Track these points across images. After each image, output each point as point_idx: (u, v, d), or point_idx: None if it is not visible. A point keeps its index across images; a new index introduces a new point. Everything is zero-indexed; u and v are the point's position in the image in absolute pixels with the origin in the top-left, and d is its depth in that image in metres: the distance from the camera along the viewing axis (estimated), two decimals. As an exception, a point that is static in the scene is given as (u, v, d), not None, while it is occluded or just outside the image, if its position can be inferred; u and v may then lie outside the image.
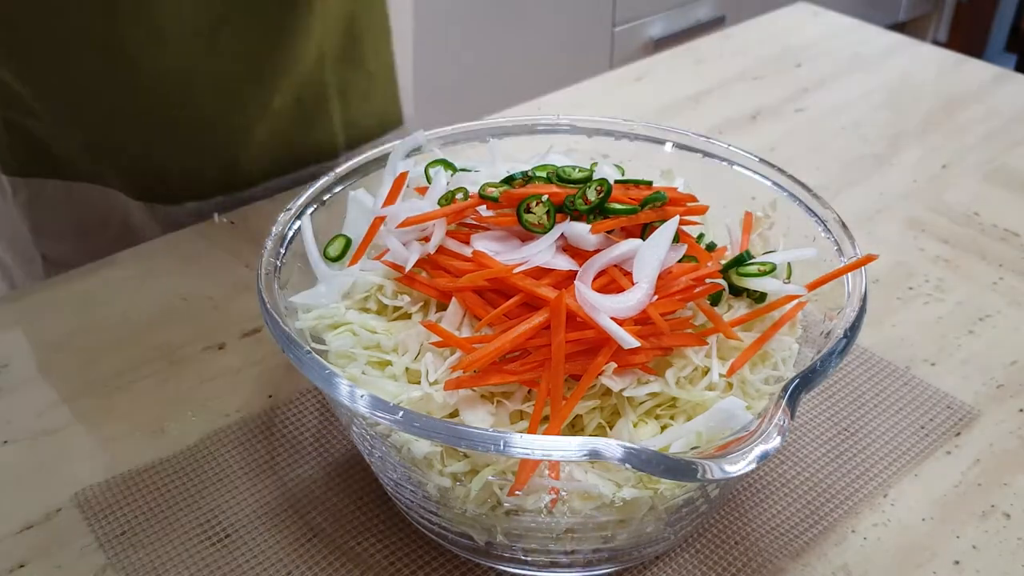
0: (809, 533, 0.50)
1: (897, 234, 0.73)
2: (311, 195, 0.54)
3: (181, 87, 0.70)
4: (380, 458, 0.46)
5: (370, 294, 0.50)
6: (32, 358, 0.62)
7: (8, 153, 0.73)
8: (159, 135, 0.72)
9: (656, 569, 0.48)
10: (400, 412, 0.39)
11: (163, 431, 0.56)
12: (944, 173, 0.81)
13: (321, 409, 0.57)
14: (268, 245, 0.50)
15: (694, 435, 0.42)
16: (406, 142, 0.57)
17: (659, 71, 0.98)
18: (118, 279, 0.69)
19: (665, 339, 0.44)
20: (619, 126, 0.60)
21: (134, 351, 0.62)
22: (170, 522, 0.51)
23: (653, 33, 2.08)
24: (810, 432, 0.56)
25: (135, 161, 0.73)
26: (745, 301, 0.50)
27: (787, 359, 0.48)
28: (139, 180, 0.75)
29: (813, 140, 0.86)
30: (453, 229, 0.50)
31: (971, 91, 0.93)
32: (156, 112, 0.71)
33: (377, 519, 0.51)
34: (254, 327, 0.63)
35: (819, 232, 0.52)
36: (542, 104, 0.89)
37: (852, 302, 0.46)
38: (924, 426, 0.56)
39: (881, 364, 0.60)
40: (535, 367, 0.42)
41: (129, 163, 0.74)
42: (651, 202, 0.49)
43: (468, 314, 0.46)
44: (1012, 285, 0.67)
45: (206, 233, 0.72)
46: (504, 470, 0.41)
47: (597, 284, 0.45)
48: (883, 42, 1.03)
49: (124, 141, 0.72)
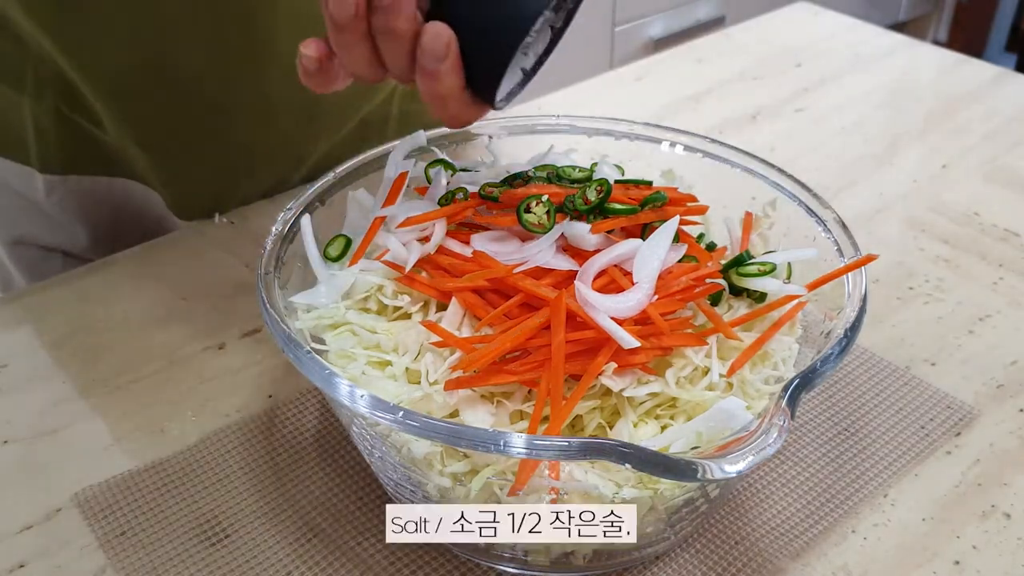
0: (809, 533, 0.50)
1: (897, 234, 0.73)
2: (311, 195, 0.54)
3: (263, 118, 0.71)
4: (380, 458, 0.46)
5: (370, 294, 0.50)
6: (32, 358, 0.62)
7: (54, 150, 0.72)
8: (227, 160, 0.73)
9: (656, 569, 0.48)
10: (400, 412, 0.39)
11: (163, 431, 0.56)
12: (944, 173, 0.81)
13: (321, 409, 0.57)
14: (268, 245, 0.50)
15: (694, 435, 0.42)
16: (406, 142, 0.57)
17: (659, 71, 0.98)
18: (118, 279, 0.69)
19: (665, 339, 0.44)
20: (619, 126, 0.60)
21: (134, 351, 0.62)
22: (170, 522, 0.51)
23: (653, 33, 2.09)
24: (810, 432, 0.56)
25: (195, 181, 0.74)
26: (745, 301, 0.50)
27: (787, 359, 0.48)
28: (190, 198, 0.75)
29: (813, 140, 0.85)
30: (453, 229, 0.50)
31: (971, 91, 0.93)
32: (231, 139, 0.71)
33: (377, 519, 0.51)
34: (254, 327, 0.63)
35: (819, 232, 0.52)
36: (542, 104, 0.89)
37: (852, 302, 0.46)
38: (924, 426, 0.56)
39: (881, 364, 0.60)
40: (535, 367, 0.42)
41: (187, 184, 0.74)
42: (651, 202, 0.49)
43: (468, 314, 0.46)
44: (1012, 285, 0.67)
45: (206, 233, 0.72)
46: (504, 470, 0.41)
47: (597, 284, 0.45)
48: (883, 42, 1.03)
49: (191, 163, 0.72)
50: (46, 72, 0.67)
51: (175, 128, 0.70)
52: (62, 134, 0.71)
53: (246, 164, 0.74)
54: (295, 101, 0.71)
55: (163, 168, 0.73)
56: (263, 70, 0.68)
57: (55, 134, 0.71)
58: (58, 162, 0.73)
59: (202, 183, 0.74)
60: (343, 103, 0.73)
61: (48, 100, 0.69)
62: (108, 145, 0.72)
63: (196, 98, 0.68)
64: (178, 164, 0.72)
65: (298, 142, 0.75)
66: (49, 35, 0.64)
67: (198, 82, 0.67)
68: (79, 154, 0.72)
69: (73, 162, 0.73)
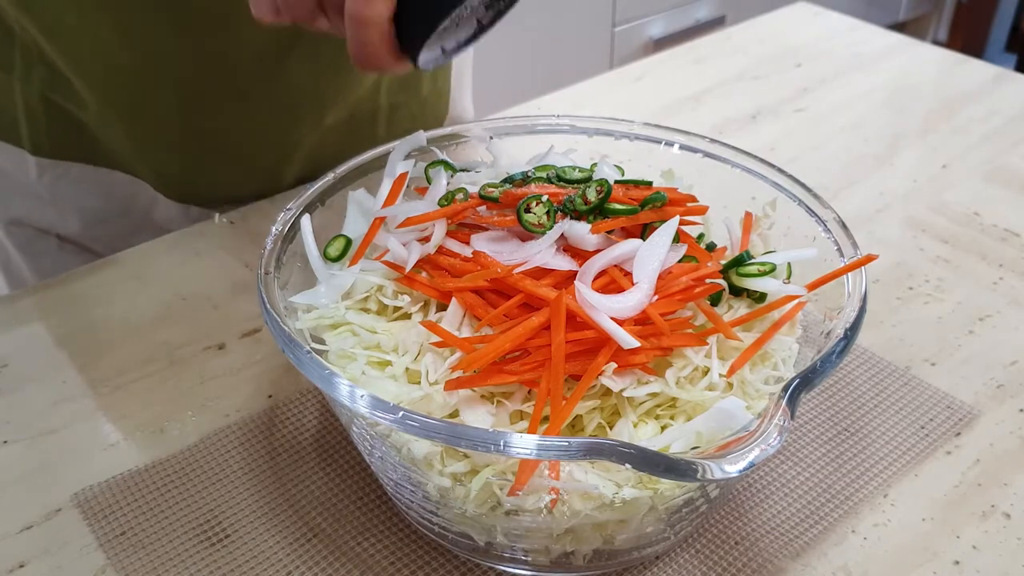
0: (809, 533, 0.50)
1: (897, 234, 0.73)
2: (311, 195, 0.54)
3: (237, 104, 0.71)
4: (380, 458, 0.46)
5: (370, 294, 0.50)
6: (32, 358, 0.62)
7: (44, 136, 0.73)
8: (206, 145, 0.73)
9: (656, 569, 0.48)
10: (400, 412, 0.39)
11: (163, 431, 0.56)
12: (944, 173, 0.81)
13: (321, 409, 0.57)
14: (268, 245, 0.50)
15: (694, 435, 0.42)
16: (406, 142, 0.57)
17: (659, 71, 0.98)
18: (118, 279, 0.69)
19: (665, 339, 0.44)
20: (619, 126, 0.60)
21: (134, 351, 0.62)
22: (170, 522, 0.51)
23: (653, 33, 2.09)
24: (810, 432, 0.56)
25: (178, 167, 0.74)
26: (745, 301, 0.50)
27: (787, 359, 0.48)
28: (178, 184, 0.75)
29: (813, 140, 0.86)
30: (453, 229, 0.50)
31: (971, 91, 0.93)
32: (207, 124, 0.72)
33: (377, 519, 0.51)
34: (254, 327, 0.63)
35: (819, 232, 0.52)
36: (542, 104, 0.89)
37: (852, 302, 0.46)
38: (924, 426, 0.56)
39: (881, 364, 0.60)
40: (535, 367, 0.42)
41: (171, 168, 0.74)
42: (651, 202, 0.49)
43: (468, 314, 0.46)
44: (1012, 285, 0.67)
45: (206, 233, 0.72)
46: (504, 470, 0.41)
47: (597, 284, 0.45)
48: (883, 42, 1.03)
49: (170, 149, 0.73)
50: (32, 55, 0.68)
51: (151, 109, 0.70)
52: (50, 118, 0.71)
53: (222, 149, 0.74)
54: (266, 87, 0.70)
55: (145, 151, 0.73)
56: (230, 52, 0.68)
57: (44, 118, 0.71)
58: (48, 146, 0.73)
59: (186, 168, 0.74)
60: (319, 91, 0.73)
61: (35, 83, 0.69)
62: (93, 131, 0.72)
63: (168, 79, 0.68)
64: (158, 147, 0.72)
65: (276, 130, 0.74)
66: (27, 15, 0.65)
67: (169, 62, 0.67)
68: (67, 140, 0.73)
69: (61, 148, 0.73)
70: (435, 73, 0.80)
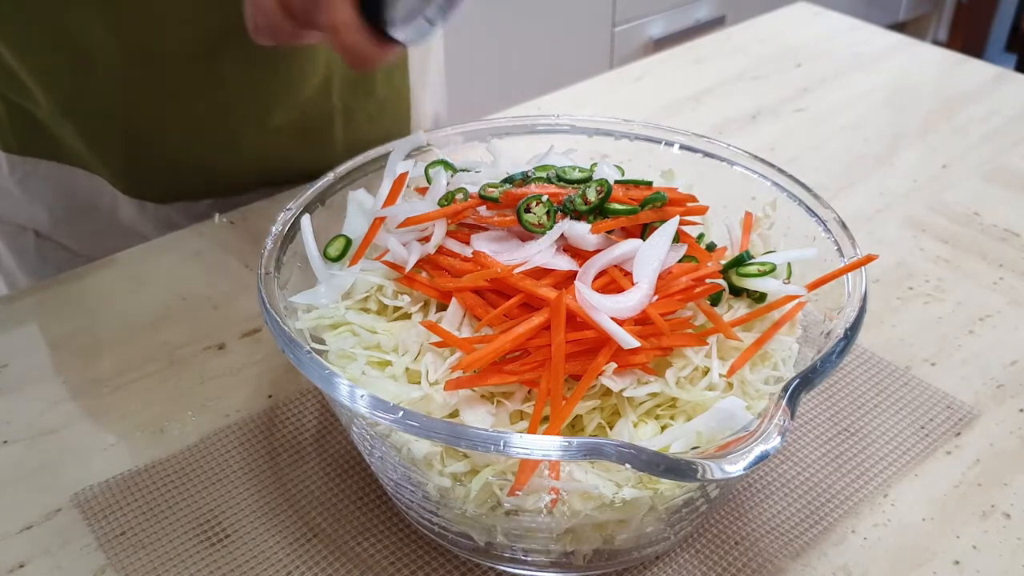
0: (809, 533, 0.50)
1: (897, 234, 0.73)
2: (311, 195, 0.54)
3: (173, 103, 0.71)
4: (380, 458, 0.46)
5: (370, 294, 0.50)
6: (32, 358, 0.62)
7: (9, 133, 0.73)
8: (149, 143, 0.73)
9: (656, 569, 0.48)
10: (400, 412, 0.39)
11: (163, 431, 0.56)
12: (944, 173, 0.81)
13: (321, 409, 0.57)
14: (268, 245, 0.50)
15: (694, 435, 0.42)
16: (406, 142, 0.57)
17: (659, 71, 0.98)
18: (118, 279, 0.69)
19: (665, 339, 0.44)
20: (619, 126, 0.60)
21: (134, 351, 0.62)
22: (170, 522, 0.51)
23: (653, 33, 2.09)
24: (810, 432, 0.56)
25: (124, 158, 0.74)
26: (745, 301, 0.50)
27: (787, 359, 0.48)
28: (127, 176, 0.75)
29: (813, 140, 0.86)
30: (453, 229, 0.50)
31: (971, 91, 0.93)
32: (145, 123, 0.72)
33: (377, 519, 0.51)
34: (254, 327, 0.63)
35: (819, 232, 0.52)
36: (542, 104, 0.89)
37: (852, 302, 0.46)
38: (924, 426, 0.56)
39: (881, 364, 0.60)
40: (535, 367, 0.42)
41: (118, 159, 0.74)
42: (651, 202, 0.49)
43: (468, 314, 0.46)
44: (1012, 285, 0.67)
45: (206, 233, 0.72)
46: (504, 470, 0.41)
47: (597, 284, 0.45)
48: (883, 42, 1.03)
49: (112, 138, 0.72)
50: None
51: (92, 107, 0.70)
52: (12, 116, 0.72)
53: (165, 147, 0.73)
54: (200, 85, 0.70)
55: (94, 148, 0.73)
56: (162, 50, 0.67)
57: (7, 116, 0.72)
58: (15, 144, 0.74)
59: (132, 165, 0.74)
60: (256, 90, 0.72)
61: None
62: (49, 128, 0.72)
63: (103, 77, 0.68)
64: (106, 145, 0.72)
65: (216, 129, 0.73)
66: None
67: (103, 59, 0.67)
68: (29, 137, 0.73)
69: (26, 145, 0.74)
70: (390, 73, 0.79)
